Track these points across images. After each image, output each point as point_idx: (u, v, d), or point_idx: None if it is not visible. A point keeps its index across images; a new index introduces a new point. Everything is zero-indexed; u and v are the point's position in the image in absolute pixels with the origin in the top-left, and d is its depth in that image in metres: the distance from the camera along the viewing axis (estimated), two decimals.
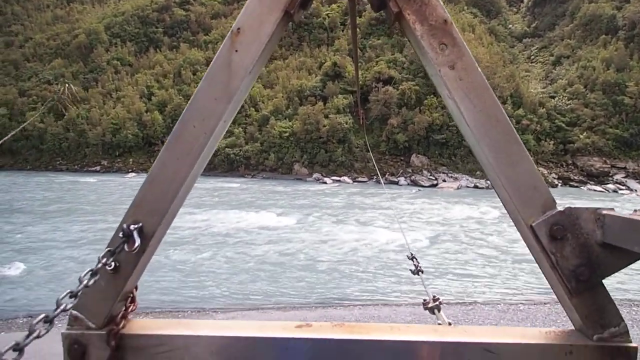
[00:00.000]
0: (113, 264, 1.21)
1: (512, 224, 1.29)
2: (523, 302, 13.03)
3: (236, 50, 1.30)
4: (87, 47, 56.11)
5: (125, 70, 53.95)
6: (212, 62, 1.30)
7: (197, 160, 1.29)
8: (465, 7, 60.07)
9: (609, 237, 1.13)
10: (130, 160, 46.45)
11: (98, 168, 46.63)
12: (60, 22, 66.67)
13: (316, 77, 47.81)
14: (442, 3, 1.31)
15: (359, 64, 46.67)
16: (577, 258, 1.18)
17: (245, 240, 18.30)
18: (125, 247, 1.21)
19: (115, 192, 31.10)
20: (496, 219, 23.15)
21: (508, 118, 1.25)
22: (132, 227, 1.23)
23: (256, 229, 20.13)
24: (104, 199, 27.97)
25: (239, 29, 1.32)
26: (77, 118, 48.36)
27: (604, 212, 1.16)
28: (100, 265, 1.13)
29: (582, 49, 50.55)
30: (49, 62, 57.51)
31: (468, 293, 13.71)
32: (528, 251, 1.26)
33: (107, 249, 1.19)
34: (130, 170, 45.04)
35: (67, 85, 50.65)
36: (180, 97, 47.90)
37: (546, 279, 1.28)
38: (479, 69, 1.28)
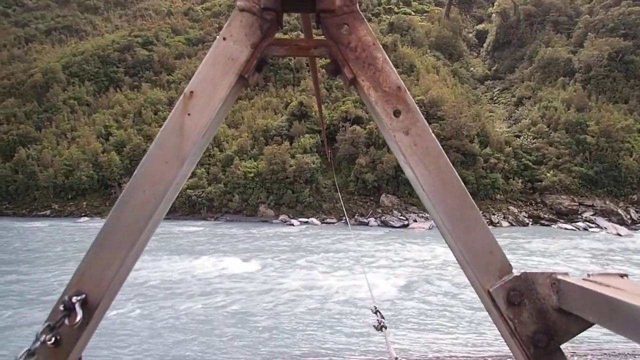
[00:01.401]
0: (54, 338, 1.15)
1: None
2: (510, 356, 11.49)
3: (189, 114, 1.32)
4: (42, 86, 53.68)
5: (82, 109, 51.63)
6: (163, 126, 1.32)
7: (147, 226, 1.27)
8: (429, 50, 61.31)
9: (564, 304, 1.15)
10: (84, 203, 43.51)
11: (48, 212, 43.37)
12: (17, 62, 64.24)
13: (282, 117, 46.88)
14: (395, 70, 1.39)
15: (325, 104, 46.20)
16: (535, 324, 1.19)
17: (178, 292, 16.24)
18: (67, 321, 1.15)
19: (45, 238, 28.43)
20: None
21: (463, 183, 1.30)
22: (74, 299, 1.16)
23: (193, 278, 18.08)
24: (28, 246, 25.29)
25: (192, 92, 1.33)
26: (27, 159, 45.39)
27: (559, 276, 1.18)
28: (38, 344, 1.09)
29: (542, 90, 51.82)
30: (1, 101, 54.63)
31: (443, 346, 12.10)
32: None
33: (46, 324, 1.13)
34: (83, 214, 42.03)
35: None
36: (140, 137, 45.82)
37: (506, 343, 1.28)
38: (433, 134, 1.34)
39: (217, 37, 1.45)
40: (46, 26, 75.90)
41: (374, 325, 3.26)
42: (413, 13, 71.20)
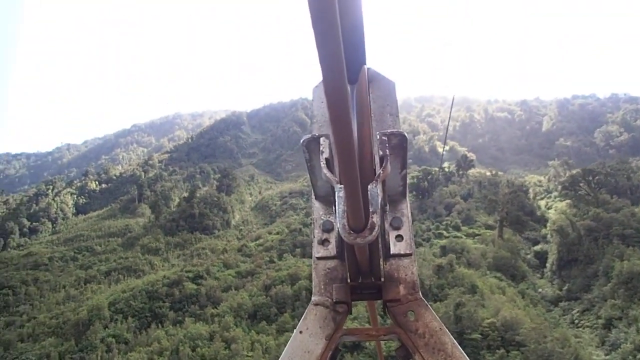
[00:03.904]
0: None
1: None
2: None
3: None
4: (84, 324, 52.05)
5: (119, 347, 48.21)
6: None
7: None
8: (488, 272, 57.23)
9: None
10: None
11: None
12: (71, 301, 64.87)
13: None
14: (464, 354, 1.52)
15: None
16: None
17: None
18: None
19: None
20: None
21: None
22: None
23: None
24: None
25: None
26: None
27: None
28: None
29: (634, 308, 44.54)
30: (42, 341, 52.68)
31: None
32: None
33: None
34: None
35: None
36: None
37: None
38: None
39: (295, 331, 1.56)
40: (108, 267, 79.41)
41: None
42: (464, 237, 69.88)
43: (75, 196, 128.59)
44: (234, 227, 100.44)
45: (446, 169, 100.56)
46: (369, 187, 1.42)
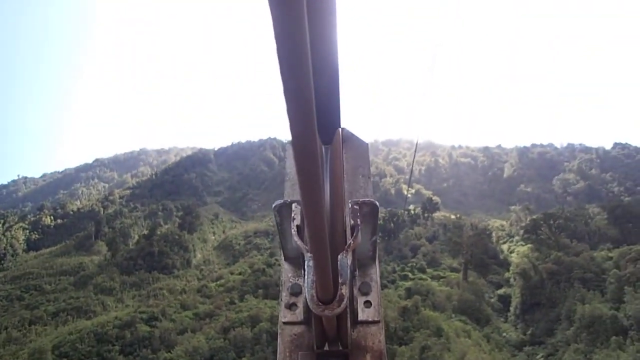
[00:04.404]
0: None
1: None
2: None
3: None
4: None
5: None
6: None
7: None
8: (453, 315, 56.57)
9: None
10: None
11: None
12: (11, 344, 59.75)
13: None
14: None
15: None
16: None
17: None
18: None
19: None
20: None
21: None
22: None
23: None
24: None
25: None
26: None
27: None
28: None
29: (596, 352, 44.53)
30: None
31: None
32: None
33: None
34: None
35: None
36: None
37: None
38: None
39: None
40: (56, 308, 74.26)
41: None
42: (429, 279, 69.48)
43: (27, 231, 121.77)
44: (194, 267, 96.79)
45: (412, 212, 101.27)
46: (339, 256, 1.39)
